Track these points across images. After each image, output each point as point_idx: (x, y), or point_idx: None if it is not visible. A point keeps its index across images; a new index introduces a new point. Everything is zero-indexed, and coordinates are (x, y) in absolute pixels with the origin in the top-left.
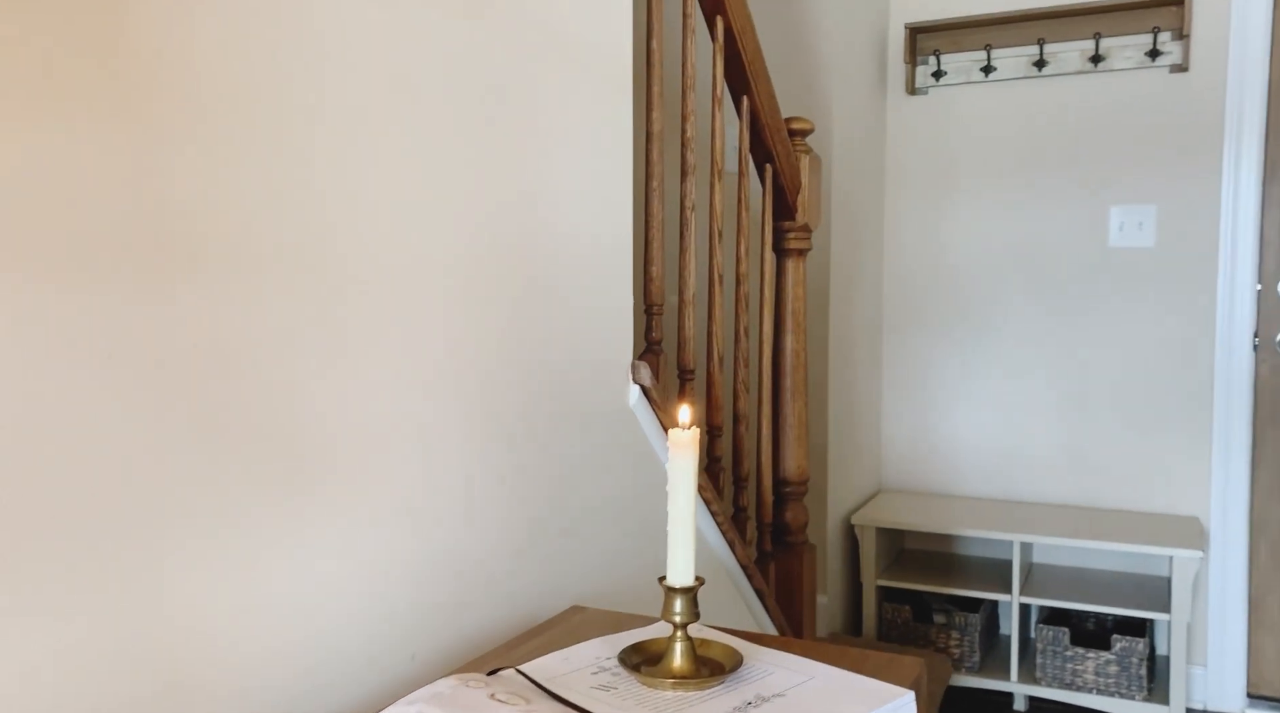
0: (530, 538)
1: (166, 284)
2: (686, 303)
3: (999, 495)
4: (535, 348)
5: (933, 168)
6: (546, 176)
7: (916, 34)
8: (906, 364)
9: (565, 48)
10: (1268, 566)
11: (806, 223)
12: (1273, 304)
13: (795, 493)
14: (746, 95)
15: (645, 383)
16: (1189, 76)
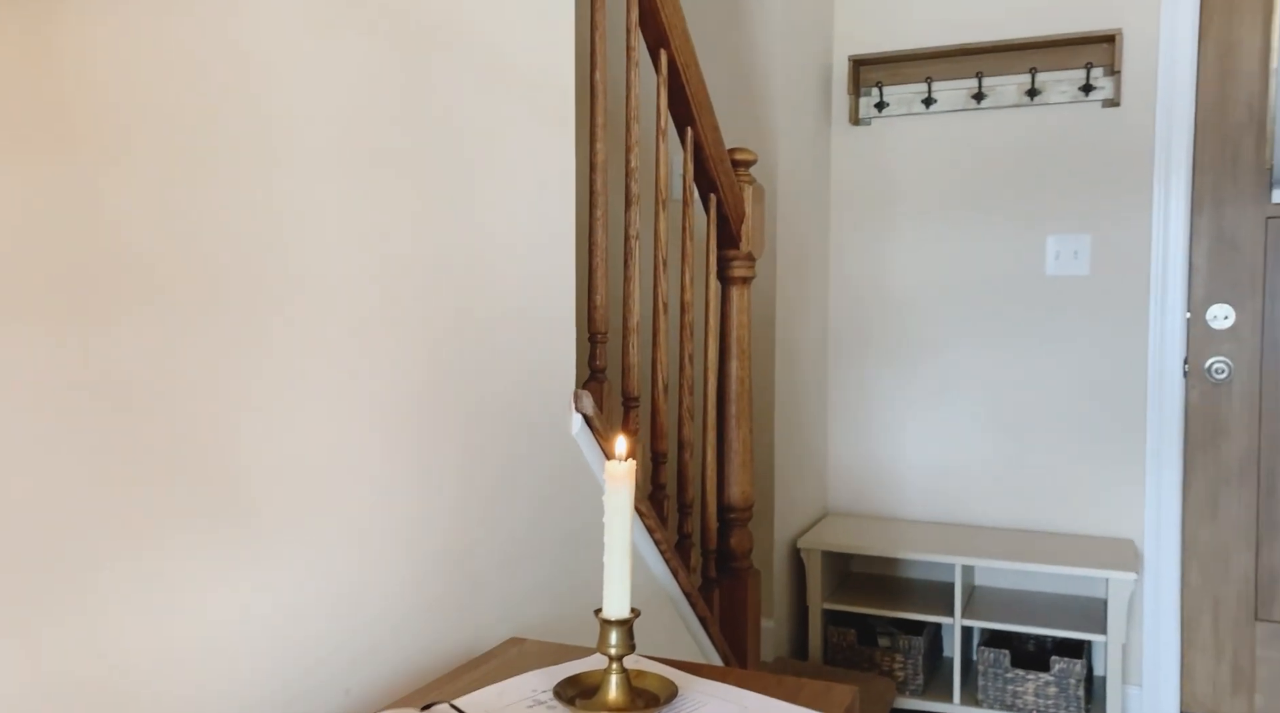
0: (469, 569)
1: (89, 317)
2: (631, 331)
3: (943, 518)
4: (475, 377)
5: (876, 197)
6: (487, 207)
7: (859, 66)
8: (852, 389)
9: (507, 80)
10: (1198, 586)
11: (750, 251)
12: (1201, 332)
13: (740, 519)
14: (690, 126)
15: (588, 411)
16: (1121, 111)
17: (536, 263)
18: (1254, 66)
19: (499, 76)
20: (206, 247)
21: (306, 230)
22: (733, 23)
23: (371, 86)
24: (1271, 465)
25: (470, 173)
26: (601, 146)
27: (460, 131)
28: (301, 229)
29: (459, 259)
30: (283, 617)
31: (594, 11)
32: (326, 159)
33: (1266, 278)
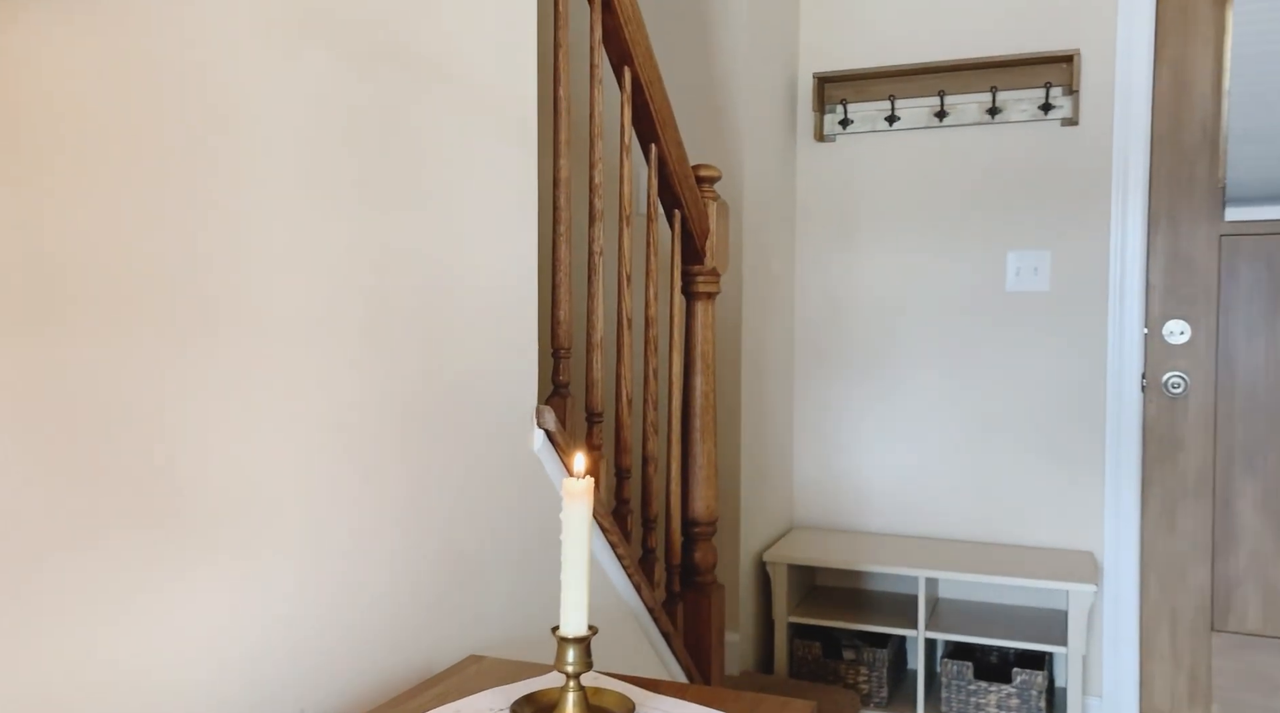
0: (429, 587)
1: (34, 330)
2: (595, 346)
3: (908, 531)
4: (435, 393)
5: (841, 213)
6: (449, 224)
7: (824, 83)
8: (818, 403)
9: (469, 96)
10: (1157, 598)
11: (715, 267)
12: (1158, 347)
13: (704, 533)
14: (655, 143)
15: (550, 427)
16: (1079, 130)
17: (498, 278)
18: (1207, 88)
19: (460, 93)
20: (158, 260)
21: (262, 245)
22: (699, 40)
23: (331, 103)
24: (1226, 478)
25: (430, 188)
26: (565, 163)
27: (422, 148)
28: (256, 243)
29: (419, 276)
30: (232, 633)
31: (556, 30)
32: (284, 175)
33: (1220, 294)
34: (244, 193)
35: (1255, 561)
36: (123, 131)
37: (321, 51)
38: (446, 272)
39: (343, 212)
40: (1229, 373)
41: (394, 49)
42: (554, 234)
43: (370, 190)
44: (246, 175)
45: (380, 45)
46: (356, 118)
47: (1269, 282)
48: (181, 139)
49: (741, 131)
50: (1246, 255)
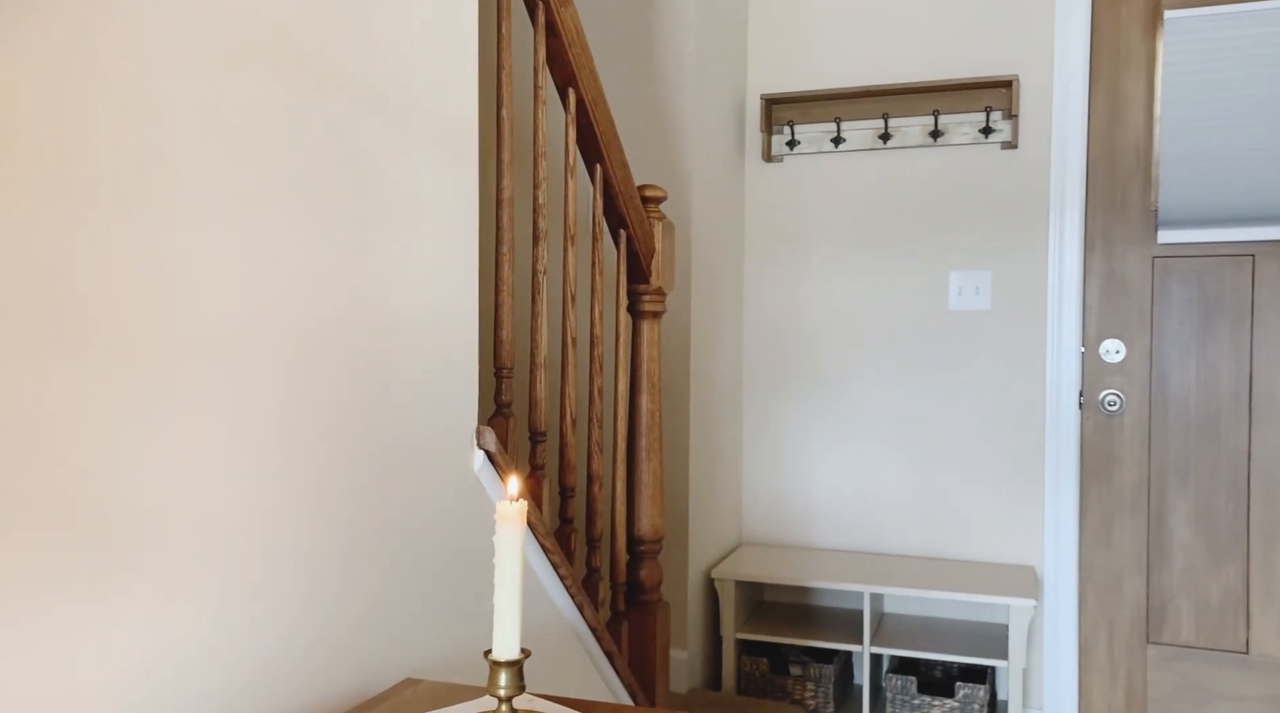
0: (362, 609)
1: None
2: (538, 366)
3: (855, 547)
4: (372, 413)
5: (789, 233)
6: (387, 243)
7: (772, 105)
8: (766, 421)
9: (408, 118)
10: (1095, 612)
11: (661, 286)
12: (1095, 365)
13: (650, 551)
14: (600, 163)
15: (490, 448)
16: (1018, 153)
17: (438, 299)
18: (1139, 114)
19: (400, 115)
20: (107, 293)
21: (193, 268)
22: (648, 62)
23: (266, 127)
24: (1160, 494)
25: (368, 209)
26: (508, 183)
27: (359, 169)
28: (184, 269)
29: (355, 295)
30: (165, 664)
31: (499, 51)
32: (213, 199)
33: (1154, 314)
34: (176, 218)
35: (1188, 574)
36: (48, 157)
37: (256, 76)
38: (384, 291)
39: (277, 233)
40: (1162, 391)
41: (331, 72)
42: (496, 254)
43: (306, 212)
44: (177, 200)
45: (317, 69)
46: (292, 140)
47: (1200, 302)
48: (105, 163)
49: (690, 152)
50: (1178, 277)
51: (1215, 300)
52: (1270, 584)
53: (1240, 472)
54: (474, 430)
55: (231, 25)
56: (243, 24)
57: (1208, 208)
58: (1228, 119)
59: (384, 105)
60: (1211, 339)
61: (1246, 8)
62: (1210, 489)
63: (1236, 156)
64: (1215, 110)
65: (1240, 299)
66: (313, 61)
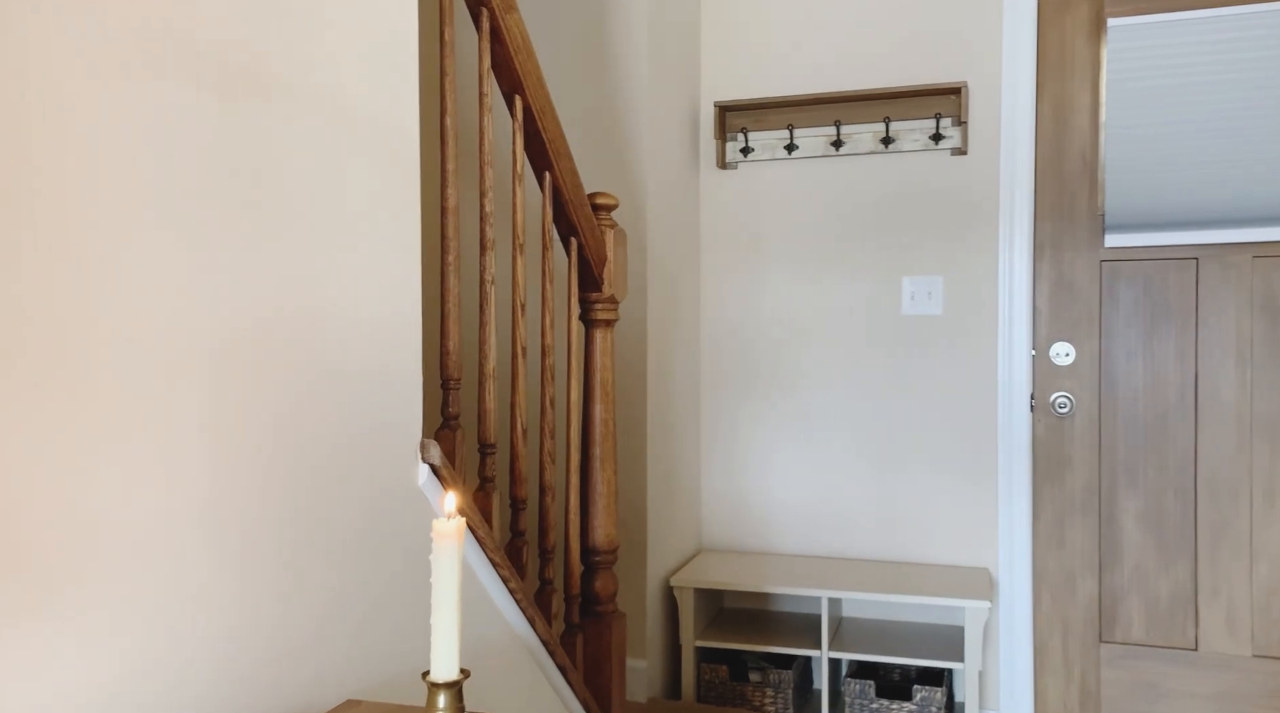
0: (307, 630)
1: None
2: (487, 376)
3: (813, 551)
4: (312, 430)
5: (744, 239)
6: (323, 255)
7: (726, 112)
8: (724, 426)
9: (345, 125)
10: (1049, 612)
11: (613, 294)
12: (1046, 368)
13: (605, 562)
14: (549, 171)
15: (435, 462)
16: (968, 159)
17: (379, 309)
18: (1085, 121)
19: (334, 122)
20: (20, 314)
21: (109, 283)
22: (600, 69)
23: (188, 134)
24: (1110, 494)
25: (302, 219)
26: (453, 191)
27: (292, 177)
28: (103, 281)
29: (290, 308)
30: (96, 689)
31: (443, 57)
32: (132, 212)
33: (1102, 317)
34: (89, 229)
35: (1138, 573)
36: None
37: (175, 82)
38: (321, 303)
39: (201, 245)
40: (1111, 393)
41: (260, 78)
42: (442, 264)
43: (234, 223)
44: (91, 214)
45: (243, 74)
46: (217, 149)
47: (1146, 305)
48: (8, 175)
49: (645, 160)
50: (1125, 280)
51: (1161, 303)
52: (1217, 582)
53: (1187, 472)
54: (418, 444)
55: (151, 30)
56: (163, 28)
57: (1153, 212)
58: (1170, 125)
59: (319, 112)
60: (1158, 341)
61: (1187, 15)
62: (1159, 489)
63: (1179, 161)
64: (1158, 116)
65: (1185, 302)
66: (241, 67)
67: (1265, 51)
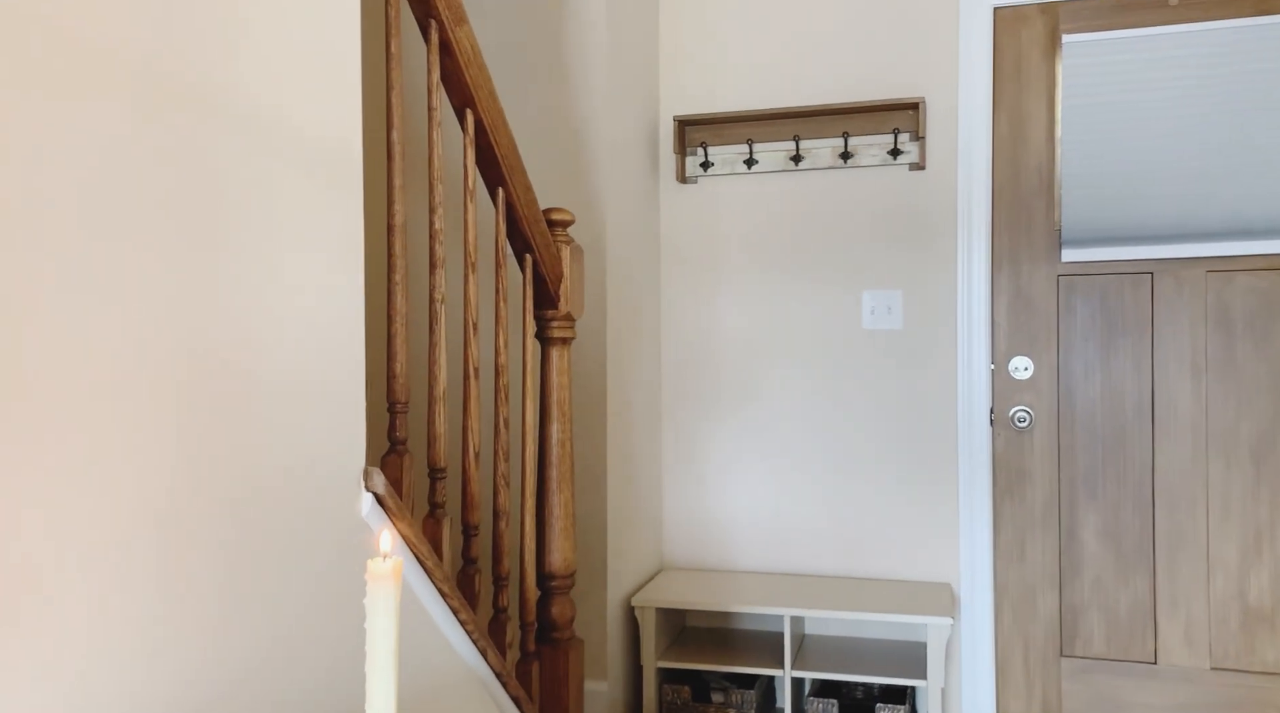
0: (237, 671)
1: None
2: (437, 399)
3: (776, 568)
4: (246, 459)
5: (704, 254)
6: (260, 275)
7: (685, 126)
8: (686, 442)
9: (283, 142)
10: (1010, 628)
11: (569, 311)
12: (1005, 382)
13: (562, 587)
14: (502, 187)
15: (379, 490)
16: (926, 174)
17: (319, 333)
18: (1041, 135)
19: (273, 138)
20: None
21: (17, 302)
22: (558, 82)
23: (121, 153)
24: (1070, 508)
25: (239, 242)
26: (400, 208)
27: (228, 195)
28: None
29: (224, 332)
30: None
31: (389, 70)
32: (54, 227)
33: (1060, 332)
34: (9, 253)
35: (1097, 587)
36: None
37: (107, 98)
38: (257, 326)
39: (131, 265)
40: (1070, 407)
41: (195, 93)
42: (389, 283)
43: (162, 240)
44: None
45: (177, 90)
46: (150, 167)
47: (1103, 319)
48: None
49: (603, 174)
50: (1082, 294)
51: (1117, 317)
52: (1176, 594)
53: (1145, 485)
54: (361, 472)
55: (75, 43)
56: (88, 42)
57: (1108, 226)
58: (1125, 140)
59: (255, 127)
60: (1115, 355)
61: (1140, 33)
62: (1117, 502)
63: (1134, 176)
64: (1113, 131)
65: (1140, 316)
66: (171, 83)
67: (1218, 68)
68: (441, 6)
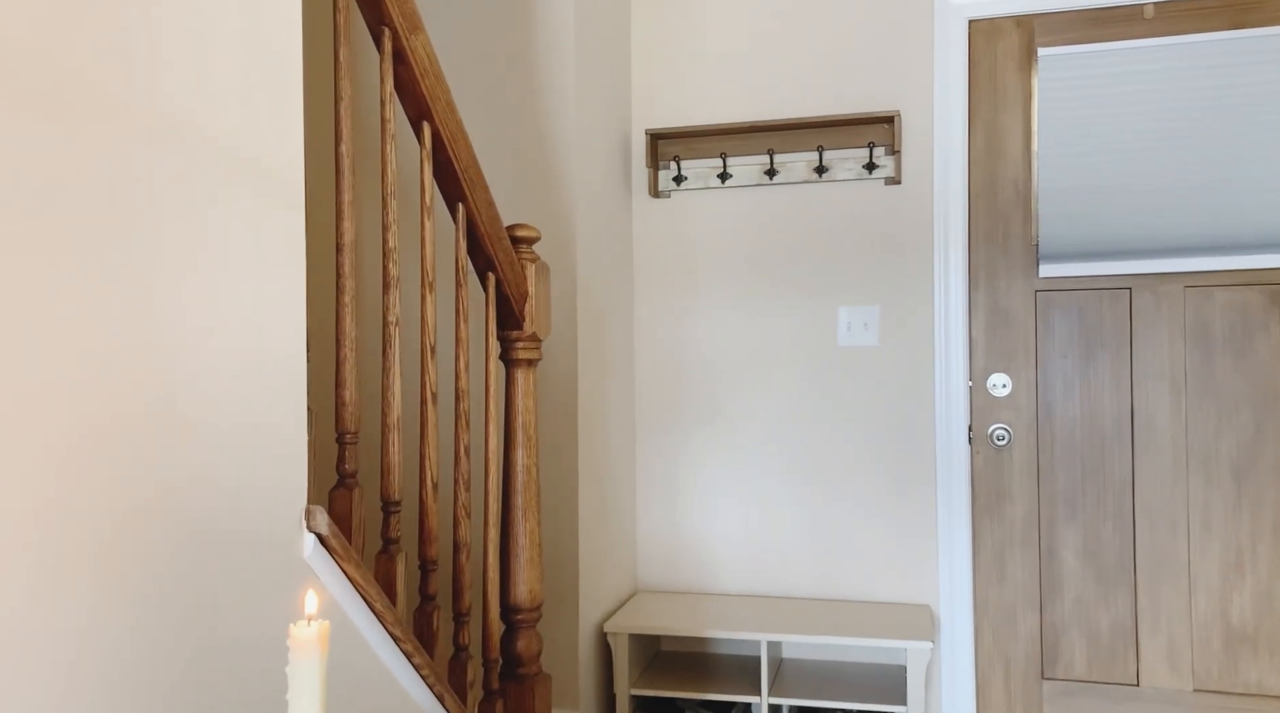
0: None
1: None
2: (390, 427)
3: (753, 590)
4: (174, 499)
5: (678, 269)
6: (187, 301)
7: (658, 140)
8: (661, 461)
9: (216, 157)
10: (990, 649)
11: (535, 332)
12: (983, 399)
13: (527, 620)
14: (462, 202)
15: (322, 531)
16: (901, 188)
17: (256, 362)
18: (1018, 150)
19: (205, 154)
20: None
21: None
22: (527, 95)
23: (19, 167)
24: (1050, 526)
25: (167, 265)
26: (349, 226)
27: (153, 217)
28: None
29: (151, 366)
30: None
31: (337, 80)
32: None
33: (1038, 348)
34: None
35: (1078, 607)
36: None
37: (16, 107)
38: (187, 357)
39: (36, 295)
40: (1049, 424)
41: (108, 104)
42: (337, 305)
43: (83, 267)
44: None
45: (88, 100)
46: (55, 183)
47: (1081, 335)
48: None
49: (573, 188)
50: (1059, 310)
51: (1095, 333)
52: (1158, 615)
53: (1125, 503)
54: (303, 511)
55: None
56: None
57: (1085, 241)
58: (1101, 154)
59: (187, 143)
60: (1094, 372)
61: (1116, 45)
62: (1097, 521)
63: (1111, 191)
64: (1089, 145)
65: (1119, 332)
66: (78, 91)
67: (1194, 81)
68: (395, 14)
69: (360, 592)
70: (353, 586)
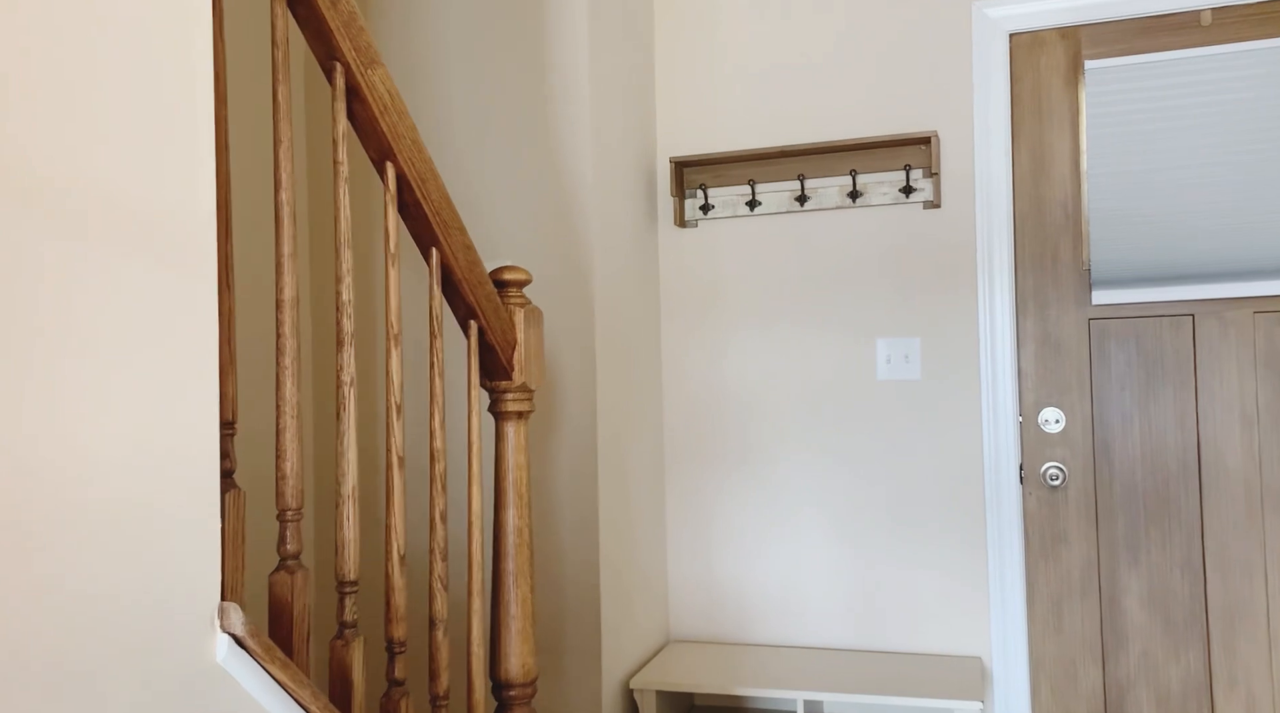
0: None
1: None
2: (345, 498)
3: (791, 641)
4: (59, 605)
5: (707, 301)
6: (71, 384)
7: (683, 168)
8: (692, 503)
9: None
10: (1049, 706)
11: (525, 382)
12: (1034, 436)
13: (520, 697)
14: (435, 247)
15: (236, 631)
16: (941, 212)
17: (153, 446)
18: (1066, 169)
19: (86, 216)
20: None
21: None
22: (543, 125)
23: None
24: (1111, 573)
25: (44, 345)
26: (290, 281)
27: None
28: None
29: (28, 457)
30: None
31: (277, 122)
32: None
33: (1093, 380)
34: None
35: (1146, 661)
36: None
37: None
38: (73, 446)
39: None
40: (1107, 461)
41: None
42: (277, 368)
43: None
44: None
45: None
46: None
47: (1140, 366)
48: None
49: (591, 221)
50: (1115, 339)
51: (1156, 364)
52: (1234, 669)
53: (1194, 547)
54: (215, 609)
55: None
56: None
57: (1142, 265)
58: (1158, 172)
59: (64, 205)
60: (1155, 405)
61: (1171, 55)
62: (1164, 567)
63: (1169, 211)
64: (1144, 163)
65: (1182, 362)
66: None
67: (1260, 91)
68: (347, 48)
69: (292, 695)
70: (283, 689)
